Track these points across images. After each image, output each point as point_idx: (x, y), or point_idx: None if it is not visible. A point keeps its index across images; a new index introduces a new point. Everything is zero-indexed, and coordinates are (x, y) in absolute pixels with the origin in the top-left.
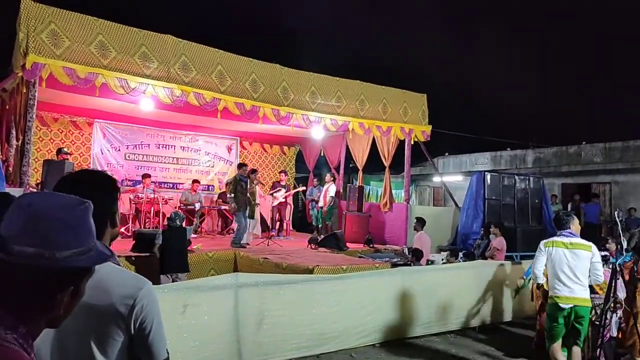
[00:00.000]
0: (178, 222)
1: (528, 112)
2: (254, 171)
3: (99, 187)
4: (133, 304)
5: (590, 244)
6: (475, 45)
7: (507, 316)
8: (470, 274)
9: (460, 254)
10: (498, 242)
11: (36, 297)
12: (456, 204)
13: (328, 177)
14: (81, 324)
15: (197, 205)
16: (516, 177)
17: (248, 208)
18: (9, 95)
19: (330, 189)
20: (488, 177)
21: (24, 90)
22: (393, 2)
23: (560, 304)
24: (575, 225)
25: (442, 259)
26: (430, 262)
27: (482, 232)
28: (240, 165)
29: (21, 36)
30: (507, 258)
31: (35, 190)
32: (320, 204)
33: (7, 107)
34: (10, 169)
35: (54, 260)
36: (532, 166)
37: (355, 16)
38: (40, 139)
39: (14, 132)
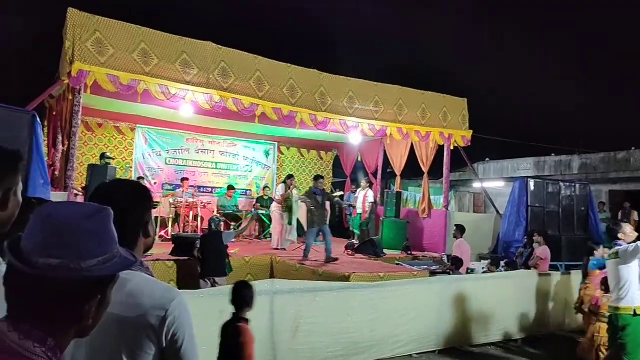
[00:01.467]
0: (213, 227)
1: (574, 116)
2: (290, 177)
3: (133, 197)
4: (165, 316)
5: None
6: (520, 48)
7: (552, 328)
8: (512, 284)
9: (502, 263)
10: (542, 251)
11: (63, 308)
12: (497, 211)
13: (364, 182)
14: (113, 337)
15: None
16: (561, 183)
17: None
18: (56, 101)
19: (369, 195)
20: (531, 183)
21: (70, 97)
22: (434, 4)
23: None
24: (625, 232)
25: (483, 268)
26: (470, 271)
27: (525, 240)
28: (317, 178)
29: (67, 44)
30: (551, 268)
31: (80, 194)
32: (359, 209)
33: (54, 113)
34: (57, 173)
35: (80, 271)
36: (578, 172)
37: (394, 19)
38: (85, 144)
39: (60, 137)
